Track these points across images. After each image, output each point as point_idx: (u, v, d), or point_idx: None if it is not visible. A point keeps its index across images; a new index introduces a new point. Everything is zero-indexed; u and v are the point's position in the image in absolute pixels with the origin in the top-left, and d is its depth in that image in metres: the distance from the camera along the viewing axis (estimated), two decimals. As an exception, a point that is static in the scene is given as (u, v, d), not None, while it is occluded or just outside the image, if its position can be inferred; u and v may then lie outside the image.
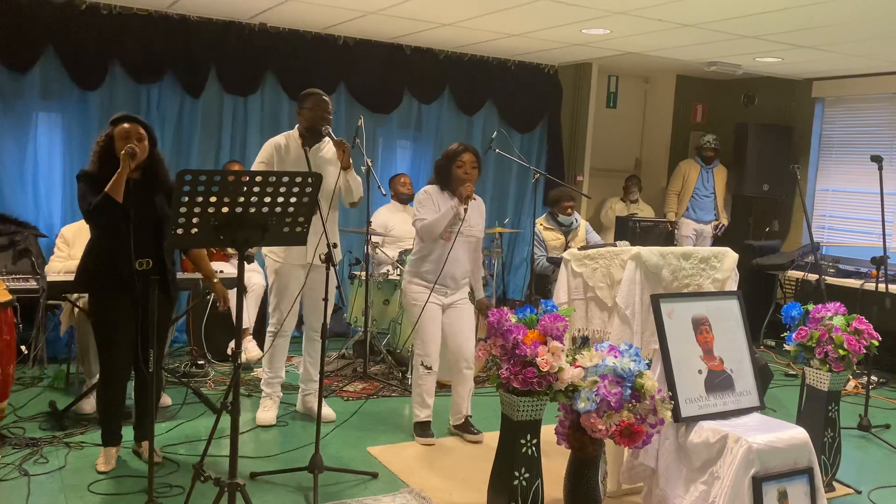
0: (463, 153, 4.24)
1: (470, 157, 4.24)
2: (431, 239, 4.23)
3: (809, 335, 3.82)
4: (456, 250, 4.24)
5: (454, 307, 4.36)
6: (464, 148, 4.27)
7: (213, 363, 5.56)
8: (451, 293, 4.35)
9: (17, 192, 5.72)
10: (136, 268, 3.52)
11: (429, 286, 4.25)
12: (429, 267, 4.28)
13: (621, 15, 5.32)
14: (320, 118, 4.25)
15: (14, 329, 4.07)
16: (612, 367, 3.03)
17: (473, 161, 4.25)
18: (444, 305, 4.34)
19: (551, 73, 7.66)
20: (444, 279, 4.27)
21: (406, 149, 7.28)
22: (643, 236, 6.19)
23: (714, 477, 3.17)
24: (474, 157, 4.26)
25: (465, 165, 4.22)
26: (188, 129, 6.22)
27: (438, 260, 4.24)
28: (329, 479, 3.71)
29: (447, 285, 4.31)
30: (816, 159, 7.80)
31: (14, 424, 4.23)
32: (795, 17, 5.11)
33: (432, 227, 4.19)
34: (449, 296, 4.35)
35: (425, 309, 4.26)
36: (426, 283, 4.28)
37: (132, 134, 3.57)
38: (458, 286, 4.37)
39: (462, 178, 4.21)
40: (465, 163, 4.22)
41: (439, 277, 4.24)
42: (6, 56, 5.52)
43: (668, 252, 3.63)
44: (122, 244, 3.54)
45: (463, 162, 4.22)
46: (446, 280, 4.28)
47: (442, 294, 4.32)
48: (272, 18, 6.13)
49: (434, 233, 4.20)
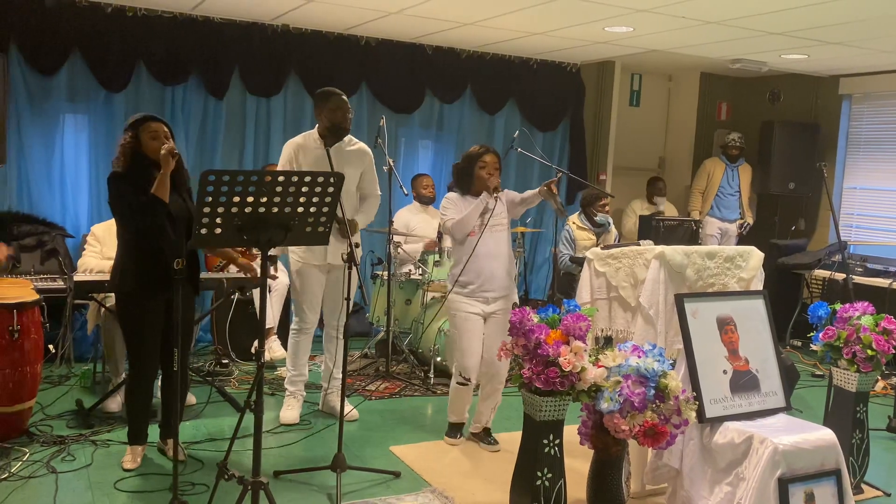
0: (485, 154, 4.15)
1: (492, 157, 4.15)
2: (463, 235, 4.08)
3: (837, 335, 3.77)
4: (488, 244, 4.06)
5: (494, 318, 4.14)
6: (485, 149, 4.18)
7: (237, 362, 5.60)
8: (493, 298, 4.12)
9: (44, 193, 5.80)
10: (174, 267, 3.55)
11: (468, 292, 4.09)
12: (466, 267, 4.08)
13: (645, 12, 5.28)
14: (343, 118, 4.26)
15: (41, 328, 4.14)
16: (636, 367, 3.00)
17: (496, 162, 4.16)
18: (485, 315, 4.13)
19: (574, 72, 7.63)
20: (482, 279, 4.07)
21: (428, 148, 7.28)
22: (667, 235, 6.14)
23: (739, 478, 3.13)
24: (496, 158, 4.18)
25: (487, 166, 4.12)
26: (212, 129, 6.27)
27: (475, 258, 4.06)
28: (352, 477, 3.72)
29: (486, 288, 4.09)
30: (843, 157, 7.69)
31: (42, 422, 4.29)
32: (823, 13, 5.03)
33: (463, 222, 4.05)
34: (491, 302, 4.12)
35: (465, 319, 4.09)
36: (465, 289, 4.10)
37: (161, 133, 3.60)
38: (500, 287, 4.13)
39: (485, 179, 4.11)
40: (488, 163, 4.12)
41: (481, 280, 4.06)
42: (34, 59, 5.61)
43: (693, 251, 3.60)
44: (162, 244, 3.57)
45: (486, 163, 4.12)
46: (484, 281, 4.08)
47: (483, 301, 4.11)
48: (295, 20, 6.16)
49: (466, 228, 4.06)
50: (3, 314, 3.91)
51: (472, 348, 4.11)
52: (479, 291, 4.10)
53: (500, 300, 4.14)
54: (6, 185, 5.65)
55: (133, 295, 3.66)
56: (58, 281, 5.07)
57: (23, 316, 3.96)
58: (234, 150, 6.39)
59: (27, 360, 4.00)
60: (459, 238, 4.13)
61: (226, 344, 5.58)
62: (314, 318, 4.53)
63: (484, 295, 4.11)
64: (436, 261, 5.78)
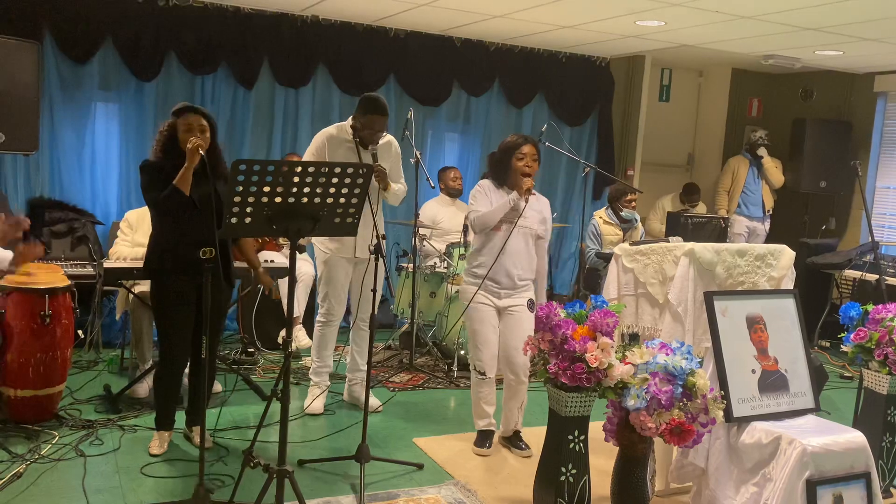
0: (523, 145, 3.96)
1: (531, 148, 3.96)
2: (483, 230, 3.98)
3: (868, 336, 3.71)
4: (509, 242, 3.94)
5: (509, 313, 4.01)
6: (524, 139, 3.99)
7: (263, 351, 5.64)
8: (505, 294, 4.01)
9: (75, 181, 5.88)
10: (200, 256, 3.58)
11: (479, 282, 3.98)
12: (482, 260, 4.00)
13: (677, 6, 5.22)
14: (369, 137, 4.21)
15: (72, 314, 4.20)
16: (664, 364, 2.98)
17: (534, 153, 3.98)
18: (498, 308, 4.03)
19: (603, 66, 7.57)
20: (497, 275, 3.96)
21: (454, 141, 7.27)
22: (695, 233, 6.08)
23: (766, 479, 3.10)
24: (535, 150, 3.98)
25: (525, 158, 3.95)
26: (241, 119, 6.31)
27: (491, 252, 3.96)
28: (375, 468, 3.73)
29: (500, 283, 3.98)
30: (877, 156, 7.56)
31: (71, 406, 4.34)
32: (859, 9, 4.95)
33: (486, 218, 3.94)
34: (503, 297, 4.01)
35: (477, 310, 3.98)
36: (477, 279, 3.99)
37: (194, 126, 3.62)
38: (513, 285, 4.00)
39: (523, 171, 3.94)
40: (526, 154, 3.95)
41: (490, 271, 3.93)
42: (67, 47, 5.67)
43: (723, 249, 3.56)
44: (188, 233, 3.61)
45: (524, 154, 3.95)
46: (499, 276, 3.97)
47: (495, 295, 4.00)
48: (324, 10, 6.16)
49: (488, 224, 3.94)
50: (35, 299, 3.98)
51: (485, 338, 4.00)
52: (490, 281, 3.98)
53: (514, 294, 4.03)
54: (38, 172, 5.72)
55: (160, 280, 3.71)
56: (87, 267, 5.13)
57: (54, 301, 4.02)
58: (262, 140, 6.43)
59: (58, 345, 4.05)
60: (478, 231, 4.03)
61: (252, 333, 5.62)
62: (340, 309, 4.54)
63: (496, 288, 4.01)
64: (461, 254, 5.78)
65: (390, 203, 4.48)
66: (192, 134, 3.58)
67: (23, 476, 3.45)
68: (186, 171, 3.54)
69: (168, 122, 3.69)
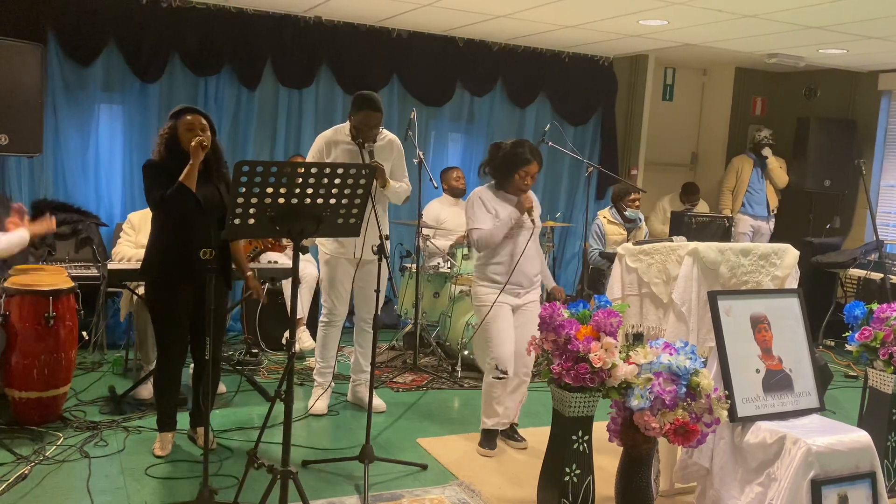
0: (530, 164, 3.90)
1: (536, 168, 3.93)
2: (488, 249, 3.97)
3: (873, 335, 3.70)
4: (523, 246, 3.97)
5: (523, 310, 4.04)
6: (531, 156, 3.91)
7: (267, 352, 5.65)
8: (524, 292, 4.05)
9: (79, 182, 5.89)
10: (200, 256, 3.58)
11: (498, 287, 3.96)
12: (499, 268, 3.99)
13: (680, 5, 5.22)
14: (367, 134, 4.21)
15: (76, 315, 4.20)
16: (668, 364, 2.97)
17: (537, 173, 3.98)
18: (514, 306, 4.03)
19: (606, 66, 7.56)
20: (517, 278, 3.97)
21: (458, 141, 7.27)
22: (698, 232, 6.08)
23: (771, 479, 3.09)
24: (539, 168, 3.96)
25: (527, 176, 3.92)
26: (244, 121, 6.31)
27: (508, 257, 3.97)
28: (379, 469, 3.73)
29: (521, 284, 4.01)
30: (882, 154, 7.54)
31: (75, 408, 4.36)
32: (864, 7, 4.93)
33: (490, 240, 3.93)
34: (522, 296, 4.05)
35: (496, 307, 3.95)
36: (495, 284, 3.98)
37: (196, 125, 3.63)
38: (531, 284, 4.07)
39: (521, 188, 3.95)
40: (529, 174, 3.92)
41: (511, 276, 3.94)
42: (70, 50, 5.68)
43: (727, 248, 3.55)
44: (190, 233, 3.61)
45: (526, 172, 3.91)
46: (519, 278, 3.99)
47: (514, 294, 4.01)
48: (327, 11, 6.17)
49: (492, 243, 3.93)
50: (39, 301, 3.98)
51: (505, 335, 3.97)
52: (512, 285, 3.99)
53: (531, 291, 4.09)
54: (42, 174, 5.73)
55: (158, 281, 3.71)
56: (91, 269, 5.14)
57: (58, 303, 4.03)
58: (265, 141, 6.43)
59: (62, 347, 4.06)
60: (481, 250, 4.01)
61: (255, 334, 5.63)
62: (343, 310, 4.55)
63: (516, 289, 4.02)
64: (464, 254, 5.78)
65: (392, 201, 4.47)
66: (194, 133, 3.59)
67: (28, 477, 3.46)
68: (192, 168, 3.55)
69: (168, 124, 3.69)
